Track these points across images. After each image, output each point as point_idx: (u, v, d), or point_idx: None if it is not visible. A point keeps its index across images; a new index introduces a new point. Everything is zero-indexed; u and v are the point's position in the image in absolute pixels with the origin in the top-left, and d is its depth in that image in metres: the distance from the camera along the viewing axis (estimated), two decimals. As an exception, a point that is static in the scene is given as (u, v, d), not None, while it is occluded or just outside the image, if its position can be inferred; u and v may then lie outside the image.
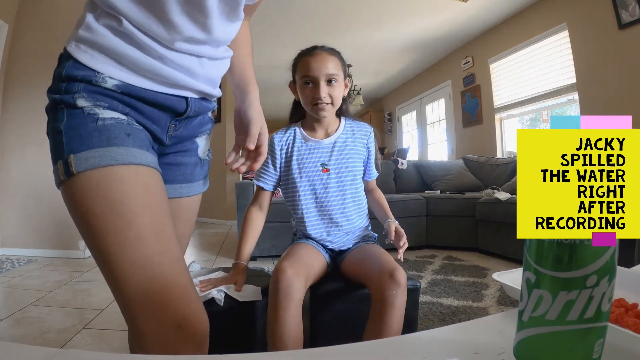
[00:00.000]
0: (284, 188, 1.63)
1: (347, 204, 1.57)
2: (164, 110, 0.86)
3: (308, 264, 1.39)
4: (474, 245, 4.22)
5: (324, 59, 1.49)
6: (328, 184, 1.55)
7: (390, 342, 0.67)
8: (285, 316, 1.23)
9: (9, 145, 4.12)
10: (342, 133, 1.62)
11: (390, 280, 1.23)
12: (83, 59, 0.77)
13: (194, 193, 1.04)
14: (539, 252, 0.50)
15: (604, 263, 0.47)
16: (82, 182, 0.73)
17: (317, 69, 1.47)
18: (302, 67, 1.52)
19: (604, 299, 0.48)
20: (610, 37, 4.03)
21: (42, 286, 2.97)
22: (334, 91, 1.50)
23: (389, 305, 1.22)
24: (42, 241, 4.14)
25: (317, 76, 1.48)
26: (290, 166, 1.58)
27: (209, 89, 0.92)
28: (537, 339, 0.51)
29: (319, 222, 1.56)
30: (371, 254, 1.44)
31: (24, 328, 2.16)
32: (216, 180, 7.16)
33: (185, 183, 1.00)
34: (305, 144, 1.59)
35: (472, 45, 6.43)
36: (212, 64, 0.91)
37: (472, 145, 6.47)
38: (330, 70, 1.48)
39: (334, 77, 1.49)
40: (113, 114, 0.78)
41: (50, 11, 4.21)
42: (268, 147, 1.26)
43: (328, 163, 1.57)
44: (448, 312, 2.33)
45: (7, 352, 0.60)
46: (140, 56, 0.78)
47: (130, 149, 0.76)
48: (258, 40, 6.22)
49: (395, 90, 9.87)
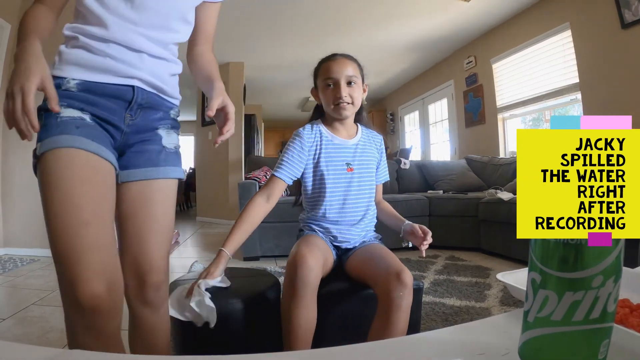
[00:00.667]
0: (310, 183, 1.64)
1: (364, 203, 1.63)
2: (115, 99, 1.05)
3: (324, 253, 1.42)
4: (476, 246, 4.22)
5: (343, 62, 1.58)
6: (351, 183, 1.61)
7: (395, 342, 0.67)
8: (301, 303, 1.26)
9: (11, 145, 4.15)
10: (361, 137, 1.70)
11: (397, 281, 1.23)
12: (55, 73, 1.00)
13: (162, 176, 1.14)
14: (545, 253, 0.50)
15: (610, 263, 0.47)
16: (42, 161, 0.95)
17: (338, 71, 1.56)
18: (323, 71, 1.60)
19: (610, 300, 0.48)
20: (613, 37, 4.02)
21: (44, 286, 2.98)
22: (354, 92, 1.59)
23: (396, 307, 1.22)
24: (45, 241, 4.11)
25: (338, 78, 1.56)
26: (319, 163, 1.61)
27: (156, 82, 1.11)
28: (542, 339, 0.51)
29: (337, 217, 1.59)
30: (377, 254, 1.45)
31: (26, 327, 2.16)
32: (218, 181, 7.17)
33: (152, 167, 1.12)
34: (332, 142, 1.64)
35: (475, 45, 6.42)
36: (153, 60, 1.10)
37: (474, 145, 6.46)
38: (349, 72, 1.57)
39: (353, 79, 1.57)
40: (70, 112, 0.98)
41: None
42: (296, 140, 1.59)
43: (352, 163, 1.63)
44: (451, 313, 2.33)
45: (12, 352, 0.60)
46: (91, 56, 1.01)
47: (75, 137, 0.95)
48: (261, 41, 6.26)
49: (398, 90, 9.85)
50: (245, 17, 5.39)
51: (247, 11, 5.21)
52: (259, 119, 10.72)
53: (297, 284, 1.25)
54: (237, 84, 7.26)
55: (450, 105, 7.32)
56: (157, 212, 1.13)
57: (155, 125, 1.14)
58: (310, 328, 1.29)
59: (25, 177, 4.13)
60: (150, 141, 1.13)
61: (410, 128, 9.59)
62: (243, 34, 5.99)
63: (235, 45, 6.47)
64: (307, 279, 1.25)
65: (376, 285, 1.32)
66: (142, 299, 1.11)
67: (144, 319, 1.13)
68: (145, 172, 1.11)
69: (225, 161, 7.12)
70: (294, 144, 1.61)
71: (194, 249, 4.82)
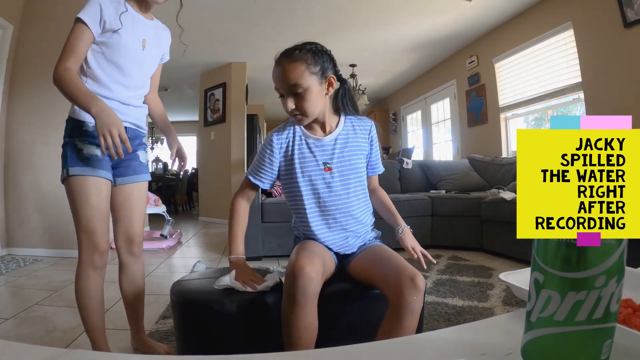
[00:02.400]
0: (286, 188, 1.60)
1: (351, 203, 1.53)
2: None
3: (323, 260, 1.38)
4: (479, 245, 4.22)
5: (284, 69, 1.40)
6: (331, 184, 1.51)
7: (398, 342, 0.67)
8: (302, 313, 1.24)
9: (14, 146, 4.15)
10: (342, 129, 1.57)
11: (412, 285, 1.21)
12: (79, 117, 1.59)
13: (140, 180, 1.79)
14: (548, 253, 0.50)
15: (613, 263, 0.47)
16: (69, 182, 1.58)
17: (279, 80, 1.42)
18: (273, 77, 1.45)
19: (613, 300, 0.48)
20: (615, 36, 4.01)
21: (47, 285, 2.99)
22: (303, 101, 1.41)
23: (409, 311, 1.21)
24: (47, 241, 4.16)
25: (281, 87, 1.43)
26: (292, 166, 1.53)
27: (137, 122, 1.73)
28: (545, 339, 0.50)
29: (322, 224, 1.53)
30: (383, 255, 1.42)
31: (29, 327, 2.17)
32: (221, 181, 7.19)
33: (133, 175, 1.76)
34: (306, 142, 1.54)
35: (477, 44, 6.41)
36: (135, 109, 1.71)
37: (477, 144, 6.45)
38: (291, 80, 1.39)
39: (298, 87, 1.39)
40: (90, 150, 1.58)
41: (55, 12, 4.22)
42: (266, 146, 1.56)
43: (330, 162, 1.52)
44: (453, 312, 2.33)
45: (16, 352, 0.60)
46: None
47: (96, 170, 1.58)
48: (261, 41, 6.26)
49: (400, 90, 9.84)
50: (247, 17, 5.41)
51: (249, 11, 5.22)
52: (261, 118, 10.72)
53: (296, 295, 1.23)
54: (239, 84, 7.26)
55: (453, 104, 7.31)
56: (138, 202, 1.80)
57: (135, 149, 1.75)
58: (312, 336, 1.28)
59: (28, 180, 4.15)
60: (133, 159, 1.75)
61: (413, 128, 9.58)
62: (245, 34, 6.00)
63: (237, 46, 6.47)
64: (306, 290, 1.23)
65: (386, 288, 1.29)
66: (130, 253, 1.80)
67: (129, 265, 1.82)
68: (130, 178, 1.75)
69: (228, 161, 7.13)
70: (264, 153, 1.56)
71: (196, 249, 4.82)
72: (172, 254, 4.39)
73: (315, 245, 1.46)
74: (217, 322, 1.40)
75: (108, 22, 1.52)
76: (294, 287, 1.24)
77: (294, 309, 1.25)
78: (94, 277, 1.63)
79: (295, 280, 1.23)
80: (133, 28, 1.60)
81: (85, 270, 1.61)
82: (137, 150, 1.76)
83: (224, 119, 7.25)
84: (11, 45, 4.12)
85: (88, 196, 1.56)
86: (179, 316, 1.48)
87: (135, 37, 1.62)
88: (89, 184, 1.56)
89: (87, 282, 1.62)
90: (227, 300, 1.38)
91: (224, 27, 5.76)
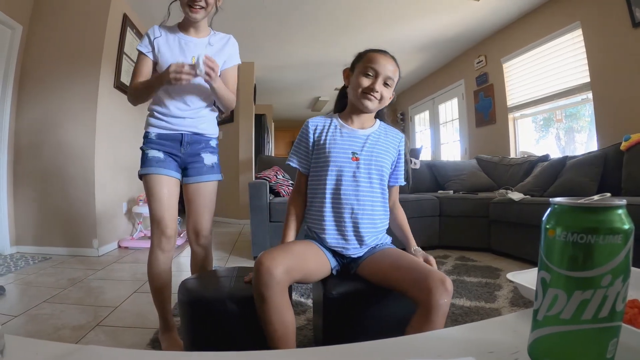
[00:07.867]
0: (313, 170, 1.66)
1: (371, 197, 1.59)
2: (172, 141, 1.92)
3: (298, 257, 1.41)
4: (487, 246, 4.20)
5: (390, 61, 1.63)
6: (356, 173, 1.58)
7: (406, 340, 0.68)
8: (268, 308, 1.28)
9: (23, 146, 4.18)
10: (376, 130, 1.69)
11: (443, 288, 1.22)
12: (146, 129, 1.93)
13: (206, 180, 2.00)
14: (555, 252, 0.50)
15: (619, 263, 0.47)
16: (143, 179, 1.89)
17: (384, 65, 1.59)
18: (369, 58, 1.62)
19: (619, 299, 0.48)
20: (624, 36, 3.98)
21: (56, 284, 3.01)
22: (386, 92, 1.62)
23: (442, 313, 1.22)
24: (56, 239, 4.20)
25: (380, 72, 1.59)
26: (323, 148, 1.63)
27: (194, 130, 1.95)
28: (551, 338, 0.51)
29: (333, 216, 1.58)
30: (408, 260, 1.42)
31: (38, 325, 2.19)
32: (229, 180, 7.20)
33: (200, 175, 1.98)
34: (340, 130, 1.66)
35: (485, 44, 6.39)
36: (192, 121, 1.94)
37: (485, 145, 6.43)
38: (390, 73, 1.60)
39: (390, 81, 1.61)
40: (154, 153, 1.89)
41: (64, 13, 4.27)
42: (302, 130, 1.74)
43: (359, 153, 1.61)
44: (461, 313, 2.33)
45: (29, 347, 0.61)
46: (160, 122, 1.91)
47: (157, 168, 1.87)
48: (271, 41, 6.28)
49: (408, 90, 9.82)
50: (255, 17, 5.42)
51: (257, 11, 5.24)
52: (269, 118, 10.74)
53: (260, 290, 1.27)
54: (247, 84, 7.28)
55: (461, 104, 7.29)
56: (205, 200, 2.01)
57: (198, 152, 1.98)
58: (286, 331, 1.30)
59: (37, 178, 4.19)
60: (197, 162, 1.98)
61: (421, 128, 9.56)
62: (253, 34, 6.01)
63: (245, 45, 6.43)
64: (268, 284, 1.26)
65: (415, 290, 1.28)
66: (197, 243, 2.02)
67: (198, 254, 2.04)
68: (195, 179, 1.98)
69: (236, 161, 7.15)
70: (301, 136, 1.73)
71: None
72: (180, 252, 4.41)
73: (296, 245, 1.50)
74: (222, 320, 1.42)
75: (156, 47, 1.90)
76: (257, 284, 1.28)
77: (261, 306, 1.29)
78: (162, 259, 1.89)
79: (256, 277, 1.29)
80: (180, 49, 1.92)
81: (155, 252, 1.89)
82: (201, 153, 1.99)
83: (232, 119, 7.26)
84: (20, 45, 4.15)
85: (152, 190, 1.86)
86: (185, 314, 1.50)
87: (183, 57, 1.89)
88: (153, 180, 1.86)
89: (156, 262, 1.88)
90: (232, 299, 1.41)
91: (232, 27, 5.75)
